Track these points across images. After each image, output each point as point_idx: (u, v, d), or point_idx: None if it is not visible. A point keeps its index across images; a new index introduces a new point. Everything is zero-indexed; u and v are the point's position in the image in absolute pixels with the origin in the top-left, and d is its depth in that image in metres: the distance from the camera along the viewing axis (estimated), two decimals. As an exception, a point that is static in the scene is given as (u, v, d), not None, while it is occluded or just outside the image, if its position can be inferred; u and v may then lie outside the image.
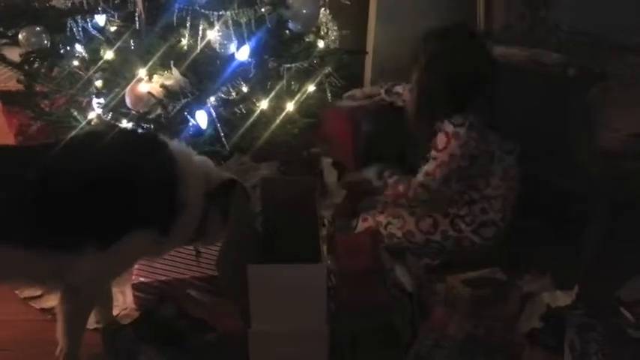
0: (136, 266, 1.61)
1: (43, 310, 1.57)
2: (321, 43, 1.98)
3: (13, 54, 1.86)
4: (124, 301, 1.61)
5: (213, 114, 1.74)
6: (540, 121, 1.88)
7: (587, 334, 1.40)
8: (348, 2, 1.94)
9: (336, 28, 2.04)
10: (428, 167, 1.66)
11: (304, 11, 1.80)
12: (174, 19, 1.66)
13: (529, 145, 1.84)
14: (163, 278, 1.57)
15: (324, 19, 2.02)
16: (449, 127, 1.64)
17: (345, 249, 1.43)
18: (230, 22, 1.66)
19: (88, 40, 1.75)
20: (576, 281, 1.57)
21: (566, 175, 1.84)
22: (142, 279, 1.57)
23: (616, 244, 1.72)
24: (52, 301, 1.55)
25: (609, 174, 1.64)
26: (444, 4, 2.27)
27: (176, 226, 1.30)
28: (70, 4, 1.70)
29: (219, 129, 1.74)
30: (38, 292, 1.58)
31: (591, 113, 1.68)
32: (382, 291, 1.37)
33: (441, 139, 1.65)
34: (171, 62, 1.69)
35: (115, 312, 1.54)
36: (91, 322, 1.47)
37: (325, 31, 2.03)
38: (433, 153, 1.67)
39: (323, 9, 1.98)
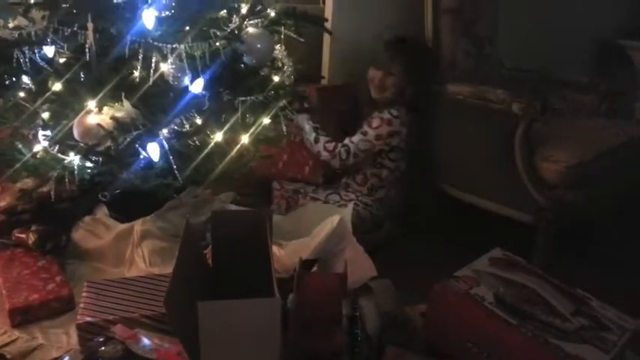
0: (82, 305, 1.55)
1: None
2: (276, 77, 2.00)
3: (-45, 85, 1.78)
4: (67, 342, 1.53)
5: (166, 146, 1.71)
6: (485, 152, 1.94)
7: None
8: (302, 40, 1.98)
9: (291, 63, 2.07)
10: (354, 137, 2.14)
11: (258, 46, 1.81)
12: (126, 51, 1.63)
13: (471, 175, 1.89)
14: (110, 317, 1.50)
15: (279, 55, 2.04)
16: (387, 114, 2.12)
17: (312, 290, 1.40)
18: (184, 55, 1.65)
19: (36, 72, 1.70)
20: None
21: (511, 205, 1.89)
22: (87, 318, 1.50)
23: (558, 273, 1.76)
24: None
25: (551, 204, 1.71)
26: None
27: None
28: (17, 35, 1.65)
29: (172, 161, 1.71)
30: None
31: (534, 146, 1.76)
32: (336, 337, 1.34)
33: (376, 120, 2.12)
34: (123, 94, 1.66)
35: (58, 353, 1.46)
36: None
37: (280, 65, 2.05)
38: (365, 128, 2.14)
39: (279, 45, 2.01)
